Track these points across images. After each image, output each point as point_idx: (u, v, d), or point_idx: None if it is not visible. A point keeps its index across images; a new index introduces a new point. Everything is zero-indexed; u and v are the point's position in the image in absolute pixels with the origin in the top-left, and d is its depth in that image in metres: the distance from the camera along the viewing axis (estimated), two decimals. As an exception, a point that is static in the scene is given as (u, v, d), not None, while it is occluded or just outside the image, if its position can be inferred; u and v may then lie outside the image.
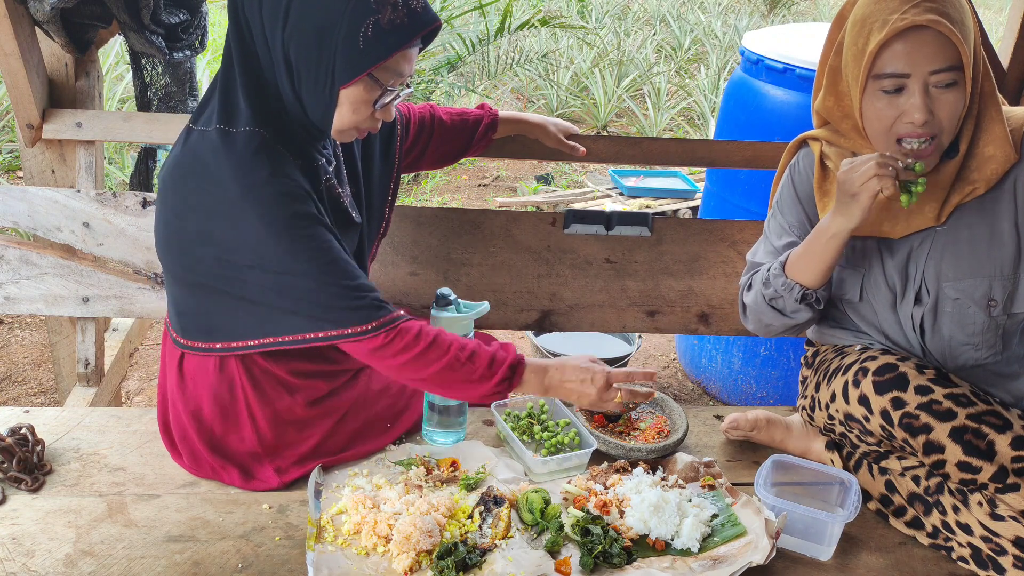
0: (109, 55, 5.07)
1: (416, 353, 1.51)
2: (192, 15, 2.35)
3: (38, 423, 1.73)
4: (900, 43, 1.45)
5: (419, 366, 1.52)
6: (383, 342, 1.50)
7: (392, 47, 1.42)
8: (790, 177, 1.76)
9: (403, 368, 1.52)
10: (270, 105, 1.49)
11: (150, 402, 3.02)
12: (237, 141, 1.45)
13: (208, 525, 1.55)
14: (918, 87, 1.46)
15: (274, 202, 1.44)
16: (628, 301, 2.21)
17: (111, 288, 2.12)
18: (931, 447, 1.49)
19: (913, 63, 1.45)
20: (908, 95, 1.47)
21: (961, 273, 1.57)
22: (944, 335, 1.61)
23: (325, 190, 1.58)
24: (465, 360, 1.53)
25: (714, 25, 8.44)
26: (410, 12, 1.43)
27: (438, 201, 5.06)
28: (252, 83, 1.47)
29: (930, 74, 1.45)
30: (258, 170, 1.44)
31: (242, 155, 1.44)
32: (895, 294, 1.64)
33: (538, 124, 2.04)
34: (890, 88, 1.48)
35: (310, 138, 1.55)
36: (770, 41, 2.97)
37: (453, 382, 1.55)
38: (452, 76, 5.28)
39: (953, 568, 1.56)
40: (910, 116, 1.47)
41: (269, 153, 1.46)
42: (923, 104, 1.46)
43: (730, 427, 1.87)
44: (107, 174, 4.31)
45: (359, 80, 1.44)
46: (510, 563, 1.47)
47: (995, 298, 1.56)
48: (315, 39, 1.41)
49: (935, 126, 1.48)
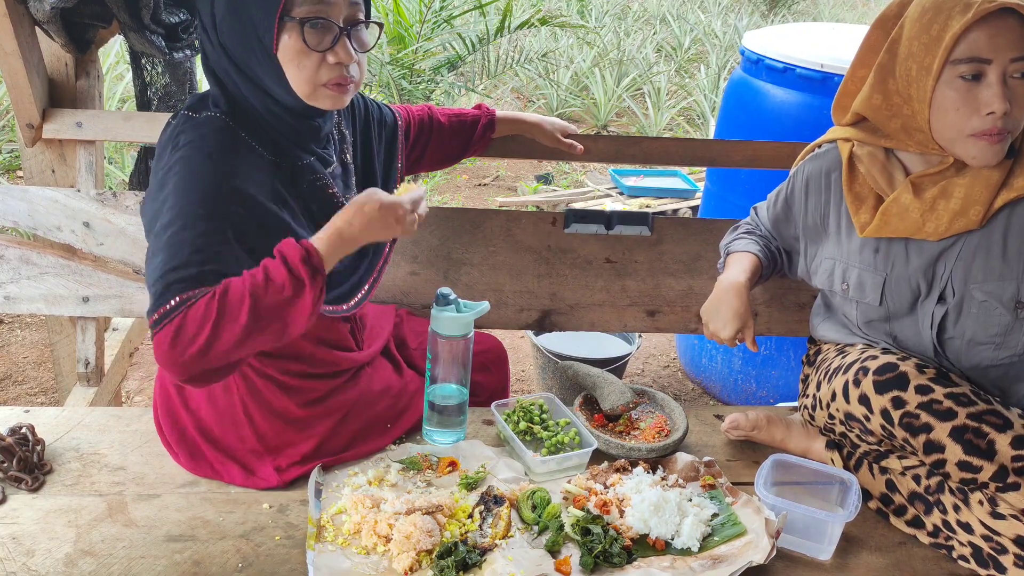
0: (109, 55, 5.07)
1: (214, 320, 1.32)
2: (192, 15, 2.34)
3: (38, 423, 1.73)
4: (983, 27, 1.42)
5: (228, 326, 1.33)
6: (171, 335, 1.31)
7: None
8: (804, 169, 1.76)
9: (215, 342, 1.33)
10: (242, 105, 1.49)
11: (150, 402, 3.01)
12: (197, 120, 1.47)
13: (208, 525, 1.54)
14: (996, 76, 1.43)
15: (196, 168, 1.40)
16: (628, 301, 2.21)
17: (111, 288, 2.12)
18: (931, 446, 1.49)
19: (996, 48, 1.42)
20: (986, 85, 1.44)
21: (991, 275, 1.54)
22: (965, 335, 1.59)
23: (312, 190, 1.57)
24: (264, 283, 1.35)
25: (714, 25, 8.44)
26: None
27: (438, 201, 5.06)
28: (221, 88, 1.50)
29: (1011, 61, 1.42)
30: (200, 142, 1.43)
31: (196, 128, 1.45)
32: (917, 295, 1.62)
33: (535, 123, 2.05)
34: (968, 74, 1.44)
35: (295, 134, 1.53)
36: (770, 41, 2.97)
37: (271, 316, 1.36)
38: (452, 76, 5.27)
39: (954, 567, 1.56)
40: (989, 106, 1.43)
41: (225, 135, 1.45)
42: (1002, 93, 1.43)
43: (730, 427, 1.87)
44: (107, 174, 4.31)
45: (281, 33, 1.41)
46: (510, 563, 1.47)
47: (1023, 300, 1.54)
48: (235, 20, 1.42)
49: (1011, 122, 1.45)
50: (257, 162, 1.49)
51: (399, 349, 1.94)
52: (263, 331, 1.37)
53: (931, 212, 1.56)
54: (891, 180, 1.61)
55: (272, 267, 1.38)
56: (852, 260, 1.68)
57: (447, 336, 1.71)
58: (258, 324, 1.35)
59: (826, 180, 1.71)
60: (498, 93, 6.48)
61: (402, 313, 2.05)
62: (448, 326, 1.70)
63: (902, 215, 1.58)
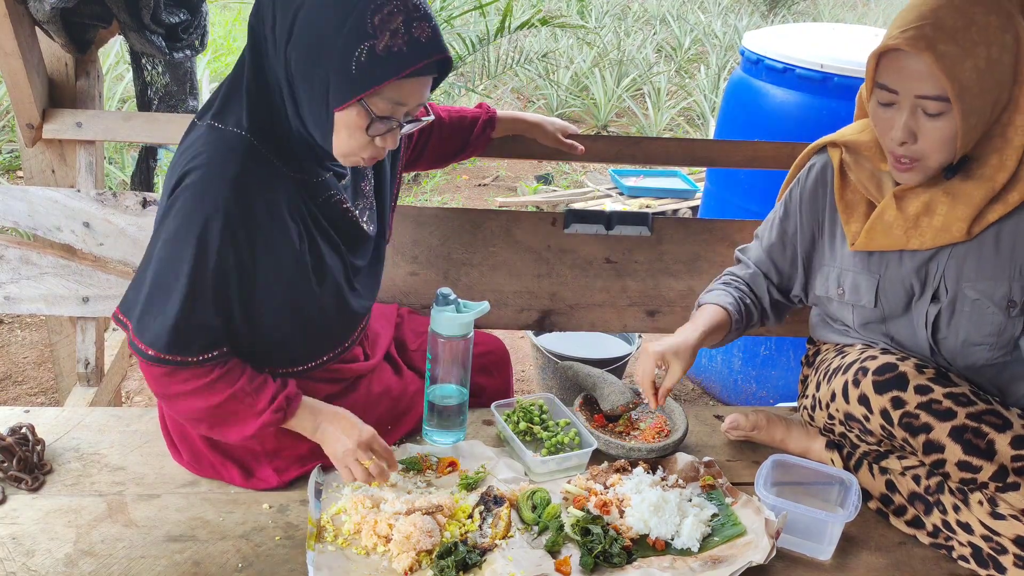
0: (109, 55, 5.07)
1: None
2: (192, 15, 2.34)
3: (38, 423, 1.73)
4: (894, 60, 1.45)
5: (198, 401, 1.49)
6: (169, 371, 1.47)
7: (385, 75, 1.35)
8: (799, 184, 1.77)
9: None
10: (272, 117, 1.46)
11: (150, 402, 3.02)
12: (222, 137, 1.44)
13: (208, 525, 1.54)
14: (906, 106, 1.46)
15: (204, 204, 1.41)
16: (628, 301, 2.21)
17: (111, 288, 2.12)
18: (931, 446, 1.49)
19: (901, 82, 1.45)
20: (897, 111, 1.48)
21: (983, 274, 1.55)
22: (959, 334, 1.59)
23: (327, 206, 1.57)
24: (251, 392, 1.50)
25: (714, 25, 8.44)
26: (411, 41, 1.35)
27: (438, 201, 5.06)
28: (258, 94, 1.45)
29: (916, 97, 1.45)
30: (221, 165, 1.41)
31: (218, 147, 1.43)
32: (911, 296, 1.63)
33: (535, 123, 2.04)
34: (883, 100, 1.49)
35: (315, 156, 1.51)
36: (770, 41, 2.97)
37: (227, 414, 1.51)
38: (452, 76, 5.28)
39: (953, 567, 1.56)
40: (890, 133, 1.49)
41: (247, 158, 1.43)
42: (904, 124, 1.46)
43: (730, 427, 1.87)
44: (107, 174, 4.31)
45: (350, 105, 1.38)
46: (510, 563, 1.47)
47: (1015, 299, 1.55)
48: (312, 59, 1.37)
49: (916, 150, 1.48)
50: (279, 180, 1.48)
51: (399, 351, 1.94)
52: (213, 420, 1.52)
53: (915, 229, 1.57)
54: (880, 186, 1.63)
55: (268, 385, 1.52)
56: (846, 265, 1.69)
57: (447, 336, 1.71)
58: (217, 411, 1.50)
59: (821, 191, 1.72)
60: (498, 93, 6.48)
61: (403, 312, 2.05)
62: (448, 326, 1.70)
63: (886, 232, 1.60)
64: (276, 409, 1.51)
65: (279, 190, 1.48)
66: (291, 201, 1.50)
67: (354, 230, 1.63)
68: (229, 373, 1.49)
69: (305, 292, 1.55)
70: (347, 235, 1.62)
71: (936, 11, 1.42)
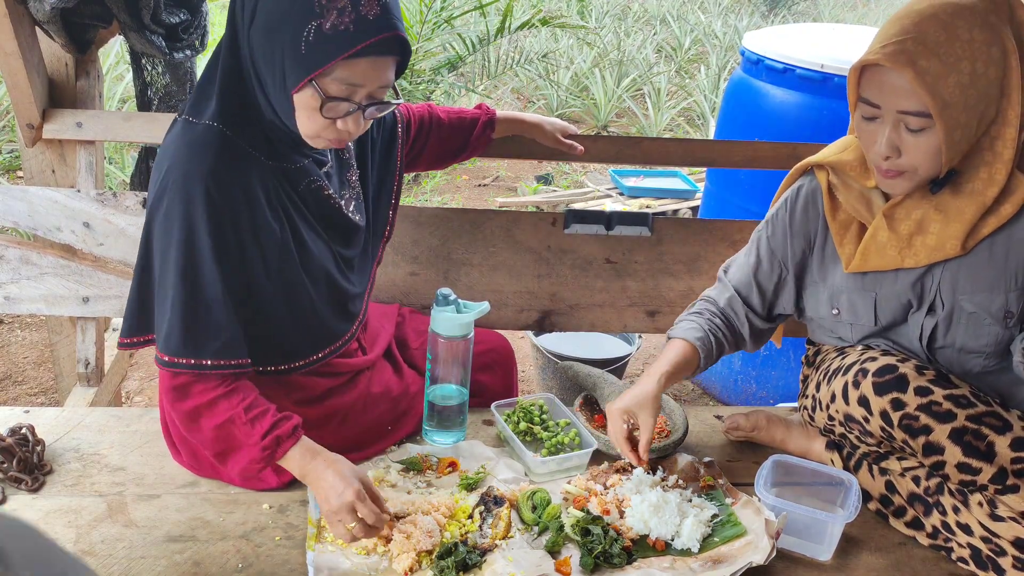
0: (109, 55, 5.07)
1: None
2: (192, 15, 2.34)
3: (38, 423, 1.73)
4: (876, 74, 1.45)
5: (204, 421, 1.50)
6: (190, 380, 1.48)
7: (331, 54, 1.33)
8: (787, 206, 1.74)
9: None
10: (244, 103, 1.47)
11: (150, 402, 3.02)
12: (194, 131, 1.45)
13: (208, 525, 1.54)
14: (889, 121, 1.46)
15: (187, 202, 1.42)
16: (628, 301, 2.21)
17: (111, 288, 2.12)
18: (931, 448, 1.49)
19: (883, 97, 1.45)
20: (880, 125, 1.47)
21: (979, 287, 1.54)
22: (956, 345, 1.59)
23: (308, 192, 1.57)
24: (248, 421, 1.49)
25: (714, 25, 8.45)
26: (358, 19, 1.33)
27: (438, 201, 5.06)
28: (230, 81, 1.46)
29: (899, 113, 1.44)
30: (197, 162, 1.42)
31: (191, 145, 1.44)
32: (908, 308, 1.62)
33: (535, 123, 2.04)
34: (867, 115, 1.49)
35: (291, 140, 1.51)
36: (770, 41, 2.97)
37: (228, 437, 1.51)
38: (452, 76, 5.27)
39: (953, 568, 1.56)
40: (874, 148, 1.49)
41: (221, 150, 1.44)
42: (887, 139, 1.46)
43: (730, 427, 1.87)
44: (107, 174, 4.31)
45: (304, 86, 1.37)
46: (510, 563, 1.47)
47: (1012, 310, 1.54)
48: (270, 40, 1.38)
49: (900, 164, 1.48)
50: (256, 169, 1.48)
51: (400, 350, 1.94)
52: (216, 445, 1.52)
53: (908, 248, 1.57)
54: (870, 206, 1.62)
55: (265, 419, 1.49)
56: (839, 285, 1.68)
57: (447, 336, 1.71)
58: (219, 434, 1.50)
59: (813, 211, 1.70)
60: (498, 93, 6.49)
61: (404, 312, 2.05)
62: (448, 326, 1.70)
63: (880, 253, 1.59)
64: (264, 447, 1.48)
65: (256, 179, 1.48)
66: (270, 189, 1.51)
67: (339, 218, 1.63)
68: (233, 393, 1.49)
69: (296, 281, 1.56)
70: (333, 223, 1.63)
71: (919, 25, 1.40)
